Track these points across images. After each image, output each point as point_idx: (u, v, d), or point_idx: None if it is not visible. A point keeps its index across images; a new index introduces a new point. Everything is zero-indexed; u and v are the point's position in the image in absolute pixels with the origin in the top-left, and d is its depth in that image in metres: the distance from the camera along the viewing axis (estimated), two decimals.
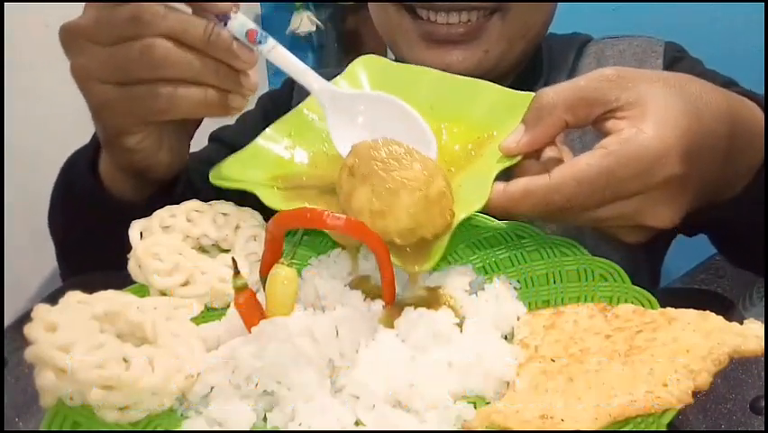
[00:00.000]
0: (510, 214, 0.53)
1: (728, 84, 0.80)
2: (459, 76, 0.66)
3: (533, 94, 0.54)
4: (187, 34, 0.53)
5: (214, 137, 0.94)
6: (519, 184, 0.51)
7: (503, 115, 0.59)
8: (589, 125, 0.53)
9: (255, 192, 0.59)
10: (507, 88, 0.62)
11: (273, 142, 0.66)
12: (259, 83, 0.58)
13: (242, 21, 0.55)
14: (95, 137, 0.68)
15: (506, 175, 0.55)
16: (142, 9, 0.52)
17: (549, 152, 0.54)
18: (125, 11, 0.53)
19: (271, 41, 0.57)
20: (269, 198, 0.58)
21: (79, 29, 0.55)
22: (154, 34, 0.53)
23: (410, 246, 0.51)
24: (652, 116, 0.48)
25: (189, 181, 0.79)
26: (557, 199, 0.49)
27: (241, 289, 0.47)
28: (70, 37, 0.55)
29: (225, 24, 0.54)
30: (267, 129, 0.66)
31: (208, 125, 0.93)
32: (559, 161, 0.53)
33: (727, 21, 1.86)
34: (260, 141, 0.66)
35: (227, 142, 0.90)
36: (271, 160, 0.64)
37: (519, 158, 0.54)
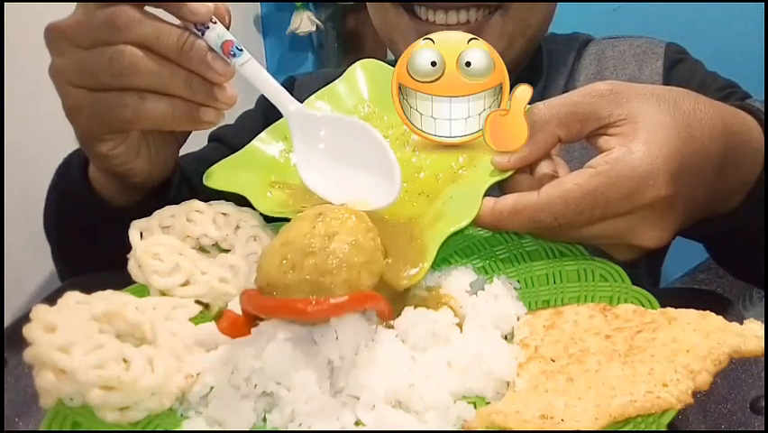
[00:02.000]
0: (499, 230, 0.53)
1: (729, 87, 0.80)
2: None
3: (529, 106, 0.54)
4: (160, 42, 0.52)
5: (213, 137, 0.94)
6: (508, 202, 0.51)
7: None
8: (583, 140, 0.53)
9: (248, 197, 0.58)
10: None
11: (268, 145, 0.65)
12: (237, 96, 0.56)
13: (219, 32, 0.53)
14: None
15: (499, 185, 0.55)
16: (118, 14, 0.51)
17: (544, 166, 0.54)
18: (102, 15, 0.52)
19: (246, 56, 0.55)
20: (262, 204, 0.58)
21: (62, 29, 0.54)
22: (126, 41, 0.52)
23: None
24: (642, 135, 0.48)
25: (188, 181, 0.79)
26: (545, 218, 0.49)
27: (219, 316, 0.47)
28: (53, 37, 0.55)
29: (203, 35, 0.53)
30: (262, 132, 0.66)
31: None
32: (552, 176, 0.53)
33: (727, 21, 1.86)
34: (255, 144, 0.65)
35: (227, 142, 0.90)
36: (266, 164, 0.64)
37: (511, 172, 0.54)
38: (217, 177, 0.61)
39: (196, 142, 0.90)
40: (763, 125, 0.57)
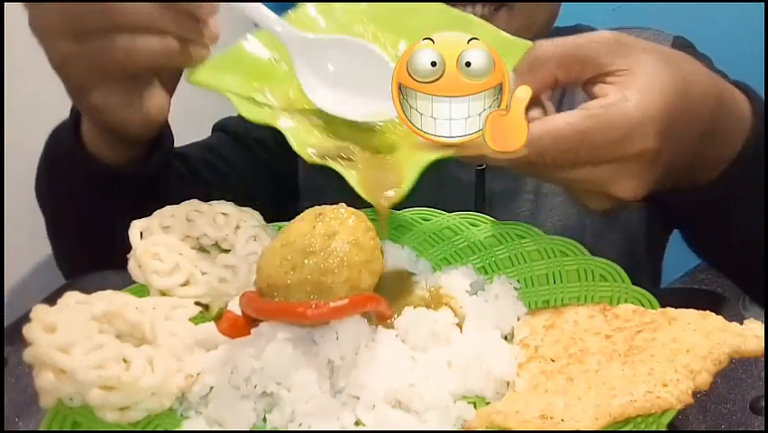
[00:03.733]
0: (483, 162, 0.52)
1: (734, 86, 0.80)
2: (457, 10, 0.64)
3: (529, 43, 0.53)
4: None
5: (217, 127, 0.93)
6: None
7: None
8: (579, 85, 0.52)
9: (231, 100, 0.56)
10: (504, 33, 0.60)
11: (256, 49, 0.63)
12: (220, 33, 0.56)
13: None
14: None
15: None
16: None
17: (533, 111, 0.53)
18: None
19: None
20: (245, 108, 0.56)
21: None
22: None
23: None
24: (638, 85, 0.48)
25: (193, 170, 0.79)
26: (531, 153, 0.49)
27: (218, 316, 0.47)
28: None
29: None
30: (249, 35, 0.63)
31: (211, 117, 0.93)
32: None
33: (727, 21, 1.86)
34: (242, 45, 0.63)
35: (230, 132, 0.90)
36: (253, 67, 0.62)
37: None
38: (202, 74, 0.59)
39: (198, 134, 0.90)
40: (755, 105, 0.56)
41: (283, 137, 0.55)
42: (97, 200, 0.57)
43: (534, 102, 0.52)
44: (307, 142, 0.54)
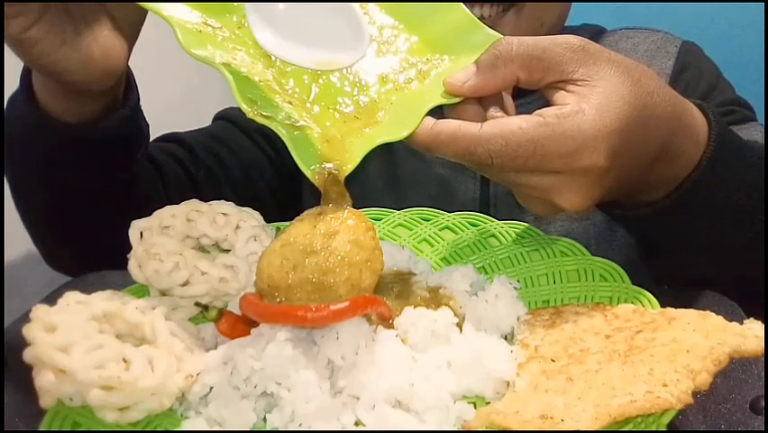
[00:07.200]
0: (432, 152, 0.51)
1: (731, 104, 0.79)
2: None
3: (500, 36, 0.52)
4: None
5: (219, 116, 0.92)
6: (449, 126, 0.49)
7: (463, 44, 0.54)
8: (540, 88, 0.51)
9: (174, 28, 0.49)
10: (478, 20, 0.56)
11: None
12: None
13: None
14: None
15: (443, 107, 0.51)
16: None
17: (492, 109, 0.51)
18: None
19: None
20: (187, 39, 0.49)
21: None
22: None
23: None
24: (597, 100, 0.47)
25: (194, 155, 0.79)
26: (480, 152, 0.48)
27: (218, 317, 0.47)
28: None
29: None
30: None
31: (213, 108, 0.93)
32: (500, 115, 0.51)
33: (727, 21, 1.86)
34: None
35: (232, 120, 0.90)
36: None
37: (460, 99, 0.51)
38: None
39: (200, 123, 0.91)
40: (712, 128, 0.55)
41: None
42: (58, 167, 0.53)
43: (495, 100, 0.51)
44: (250, 93, 0.49)
